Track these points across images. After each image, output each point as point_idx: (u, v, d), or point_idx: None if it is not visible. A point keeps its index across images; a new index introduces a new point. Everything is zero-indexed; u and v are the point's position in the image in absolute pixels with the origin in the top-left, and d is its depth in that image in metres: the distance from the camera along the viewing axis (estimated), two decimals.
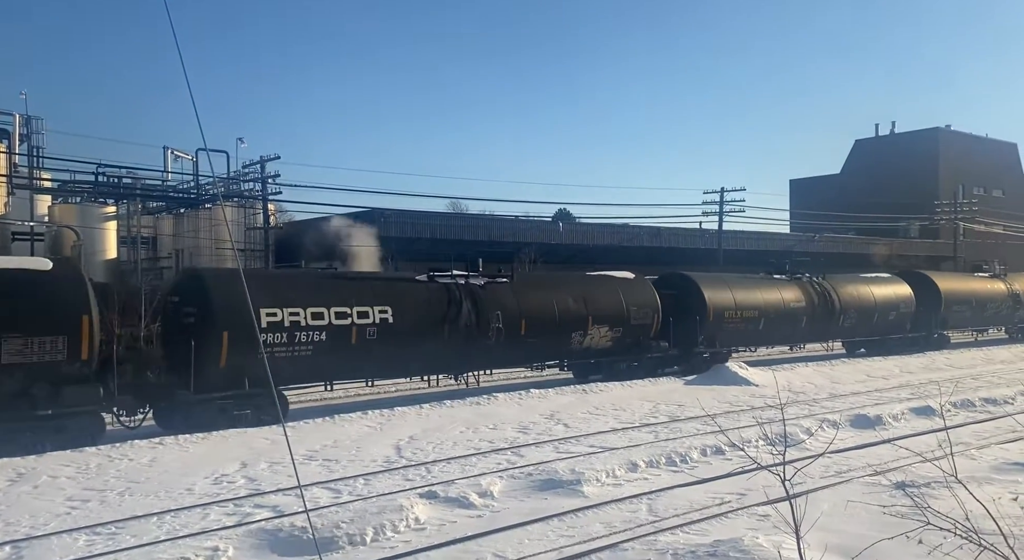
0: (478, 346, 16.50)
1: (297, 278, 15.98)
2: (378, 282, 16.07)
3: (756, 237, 46.63)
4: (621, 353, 19.32)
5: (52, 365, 11.44)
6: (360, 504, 8.44)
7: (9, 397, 11.18)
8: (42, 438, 11.32)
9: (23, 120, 34.33)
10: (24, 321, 11.28)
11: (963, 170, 63.04)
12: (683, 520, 8.00)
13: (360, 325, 14.57)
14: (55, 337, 11.43)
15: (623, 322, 19.01)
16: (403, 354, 15.42)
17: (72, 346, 11.56)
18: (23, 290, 11.47)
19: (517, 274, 18.31)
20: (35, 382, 11.32)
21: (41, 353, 11.35)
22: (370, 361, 15.19)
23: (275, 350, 13.51)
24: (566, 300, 18.14)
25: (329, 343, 14.17)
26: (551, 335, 17.73)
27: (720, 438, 10.15)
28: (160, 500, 8.85)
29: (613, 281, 19.86)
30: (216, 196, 33.33)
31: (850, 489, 8.96)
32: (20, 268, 11.89)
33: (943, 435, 8.75)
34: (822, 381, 19.61)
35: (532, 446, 11.79)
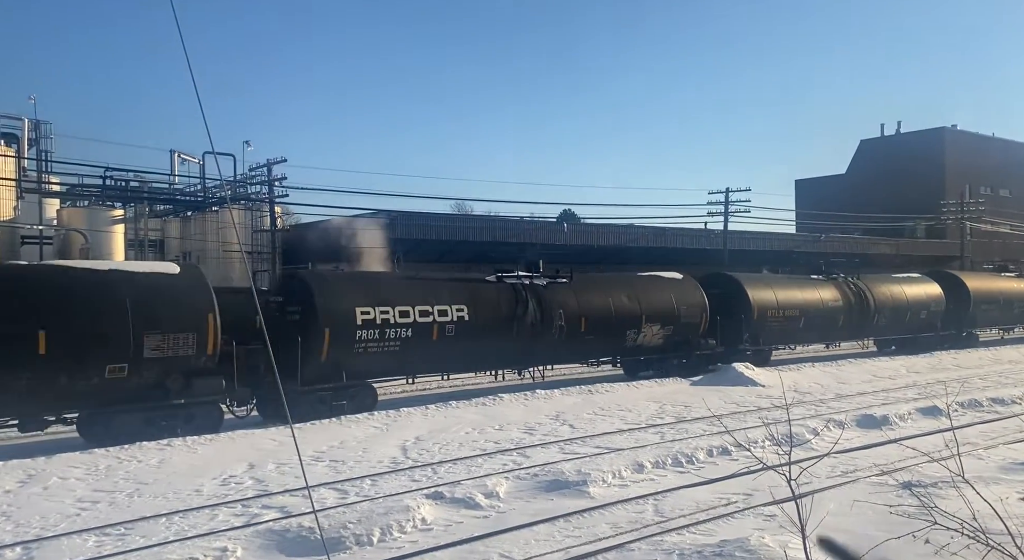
0: (543, 343, 17.60)
1: (385, 279, 17.05)
2: (455, 283, 17.16)
3: (761, 237, 46.53)
4: (671, 350, 20.29)
5: (184, 359, 12.58)
6: (367, 505, 8.48)
7: (149, 388, 12.37)
8: (175, 425, 12.53)
9: (32, 125, 34.57)
10: (161, 320, 12.42)
11: (969, 169, 62.75)
12: (689, 520, 8.02)
13: (441, 322, 15.74)
14: (186, 334, 12.56)
15: (674, 321, 20.06)
16: (478, 350, 16.58)
17: (200, 342, 12.68)
18: (159, 292, 12.60)
19: (576, 275, 19.14)
20: (170, 374, 12.51)
21: (175, 348, 12.48)
22: (449, 356, 16.23)
23: (368, 346, 14.76)
24: (621, 299, 19.20)
25: (414, 339, 15.34)
26: (608, 333, 18.78)
27: (726, 438, 10.16)
28: (169, 501, 8.91)
29: (664, 281, 20.87)
30: (223, 199, 33.47)
31: (856, 489, 8.96)
32: (154, 272, 13.05)
33: (950, 435, 8.73)
34: (828, 381, 19.57)
35: (538, 447, 11.82)
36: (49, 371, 11.45)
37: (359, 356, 14.70)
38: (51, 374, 11.48)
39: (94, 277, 12.32)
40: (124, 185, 33.14)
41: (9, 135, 33.44)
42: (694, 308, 20.57)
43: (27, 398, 11.53)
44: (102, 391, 11.99)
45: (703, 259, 40.25)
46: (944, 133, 63.99)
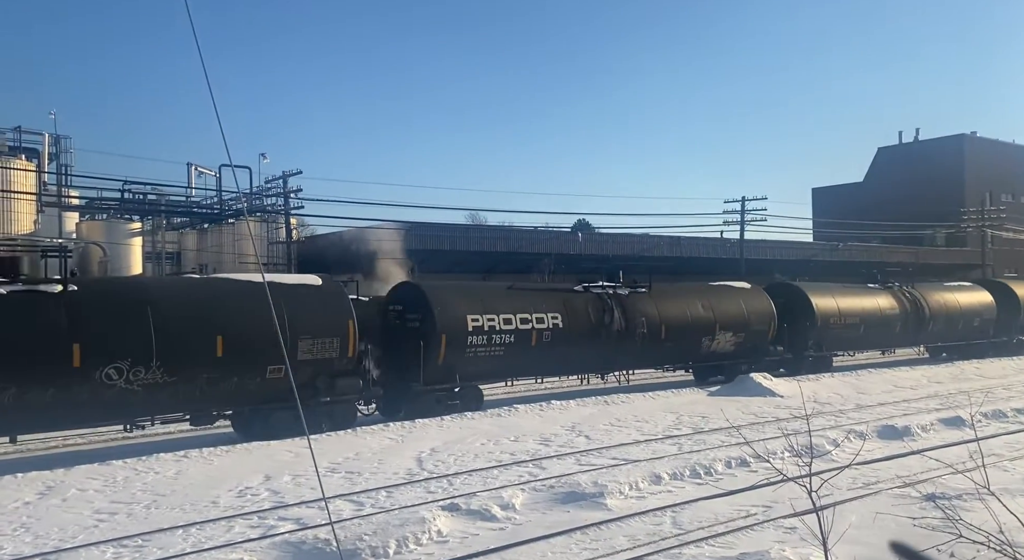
0: (626, 349, 18.83)
1: (489, 290, 18.18)
2: (548, 292, 18.59)
3: (778, 246, 46.23)
4: (741, 356, 21.19)
5: (329, 361, 13.95)
6: (383, 516, 8.45)
7: (300, 387, 13.48)
8: (320, 420, 13.76)
9: (52, 139, 35.12)
10: (312, 325, 13.76)
11: (990, 177, 62.05)
12: (708, 533, 7.91)
13: (539, 329, 17.12)
14: (331, 338, 13.93)
15: (745, 328, 21.14)
16: (570, 355, 17.84)
17: (342, 346, 14.05)
18: (308, 301, 14.03)
19: (654, 285, 20.21)
20: (318, 375, 13.89)
21: (323, 351, 13.84)
22: (545, 361, 17.62)
23: (477, 350, 16.17)
24: (696, 308, 20.36)
25: (516, 345, 16.71)
26: (685, 339, 20.01)
27: (745, 449, 10.04)
28: (185, 513, 8.93)
29: (734, 290, 22.04)
30: (240, 211, 33.78)
31: (879, 501, 8.81)
32: (302, 283, 14.52)
33: (974, 446, 8.59)
34: (848, 392, 19.33)
35: (554, 458, 11.74)
36: (224, 371, 12.81)
37: (469, 360, 16.11)
38: (225, 374, 12.85)
39: (253, 288, 13.63)
40: (142, 198, 33.58)
41: (30, 150, 33.99)
42: (763, 316, 21.59)
43: (205, 395, 12.82)
44: (263, 390, 13.27)
45: (719, 268, 40.02)
46: (964, 140, 63.38)
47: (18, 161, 31.03)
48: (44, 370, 11.36)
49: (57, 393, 11.43)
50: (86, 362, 11.54)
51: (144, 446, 12.99)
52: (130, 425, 12.95)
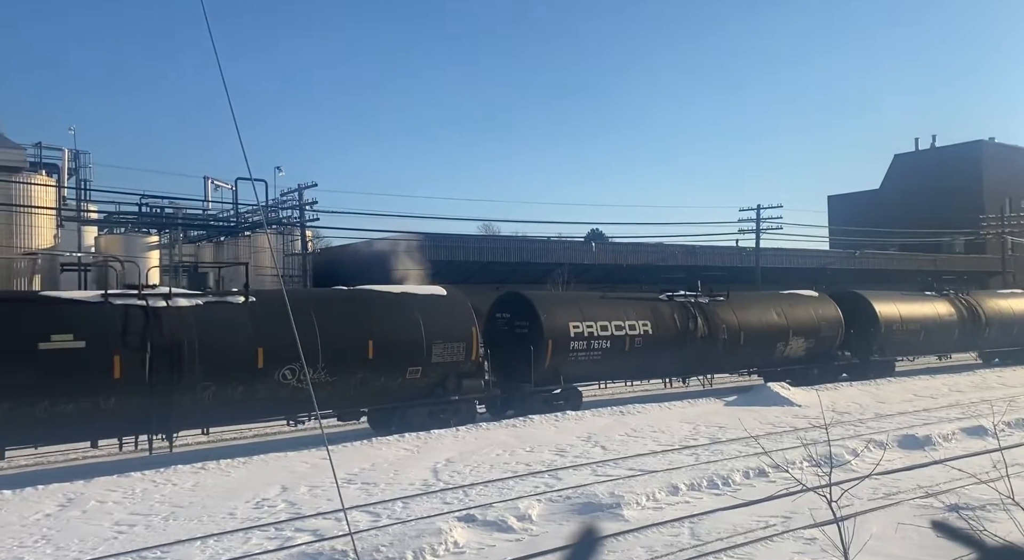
0: (709, 354, 19.98)
1: (585, 299, 19.24)
2: (637, 301, 19.65)
3: (794, 254, 45.89)
4: (811, 361, 22.41)
5: (457, 363, 15.43)
6: (399, 527, 8.44)
7: (432, 387, 15.23)
8: (448, 417, 15.26)
9: (71, 155, 35.64)
10: (443, 332, 15.28)
11: (1009, 183, 61.35)
12: (727, 544, 7.83)
13: (631, 335, 18.43)
14: (458, 343, 15.43)
15: (815, 334, 22.30)
16: (658, 360, 19.14)
17: (467, 350, 15.56)
18: (438, 309, 15.63)
19: (731, 293, 21.39)
20: (448, 376, 15.35)
21: (452, 355, 15.32)
22: (636, 365, 18.89)
23: (578, 355, 17.50)
24: (771, 315, 21.57)
25: (611, 350, 18.02)
26: (762, 345, 21.18)
27: (763, 459, 9.95)
28: (203, 524, 8.96)
29: (804, 298, 23.17)
30: (256, 224, 34.06)
31: (900, 511, 8.69)
32: (431, 294, 16.13)
33: (997, 455, 8.46)
34: (867, 401, 19.11)
35: (570, 469, 11.68)
36: (373, 372, 14.35)
37: (571, 363, 17.47)
38: (375, 374, 14.38)
39: (395, 298, 15.43)
40: (159, 212, 33.95)
41: (50, 165, 34.51)
42: (832, 322, 22.76)
43: (357, 393, 14.33)
44: (403, 388, 14.82)
45: (734, 277, 39.81)
46: (982, 146, 62.77)
47: (39, 176, 31.51)
48: (236, 370, 12.81)
49: (245, 391, 12.93)
50: (267, 364, 13.03)
51: (161, 458, 13.07)
52: (292, 420, 14.21)
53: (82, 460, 13.89)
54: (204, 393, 12.47)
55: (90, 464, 13.17)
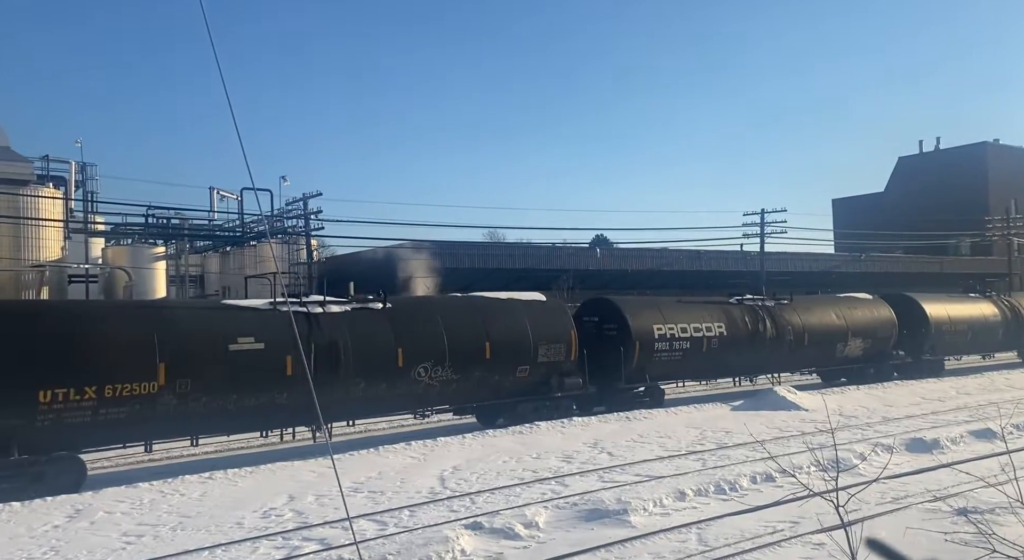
0: (776, 354, 21.37)
1: (665, 302, 20.59)
2: (711, 304, 21.04)
3: (799, 258, 45.80)
4: (867, 361, 23.66)
5: (559, 363, 16.90)
6: (406, 536, 8.44)
7: (538, 384, 16.70)
8: (551, 412, 16.62)
9: (78, 167, 35.89)
10: (546, 334, 16.79)
11: (1014, 184, 61.20)
12: (735, 549, 7.82)
13: (708, 337, 19.75)
14: (560, 344, 16.88)
15: (872, 335, 23.54)
16: (731, 359, 20.48)
17: (567, 350, 17.03)
18: (540, 314, 17.05)
19: (794, 297, 22.78)
20: (551, 375, 16.82)
21: (555, 355, 16.76)
22: (712, 364, 20.32)
23: (662, 355, 18.88)
24: (831, 317, 22.83)
25: (691, 350, 19.37)
26: (824, 345, 22.50)
27: (770, 464, 9.92)
28: (211, 534, 8.98)
29: (860, 301, 24.52)
30: (261, 233, 34.19)
31: (909, 515, 8.66)
32: (532, 300, 17.62)
33: (1006, 458, 8.43)
34: (874, 404, 19.04)
35: (576, 475, 11.67)
36: (490, 370, 15.83)
37: (655, 363, 18.85)
38: (491, 373, 15.86)
39: (504, 303, 16.96)
40: (165, 223, 34.13)
41: (57, 178, 34.75)
42: (886, 324, 24.13)
43: (476, 389, 15.83)
44: (512, 386, 16.32)
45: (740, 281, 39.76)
46: (986, 148, 62.66)
47: (46, 189, 31.73)
48: (380, 368, 14.34)
49: (387, 387, 14.51)
50: (406, 362, 14.59)
51: (169, 467, 13.11)
52: (418, 414, 16.04)
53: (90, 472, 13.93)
54: (356, 389, 14.06)
55: (97, 475, 13.19)
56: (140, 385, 11.84)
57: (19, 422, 10.96)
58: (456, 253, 35.31)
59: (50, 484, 11.10)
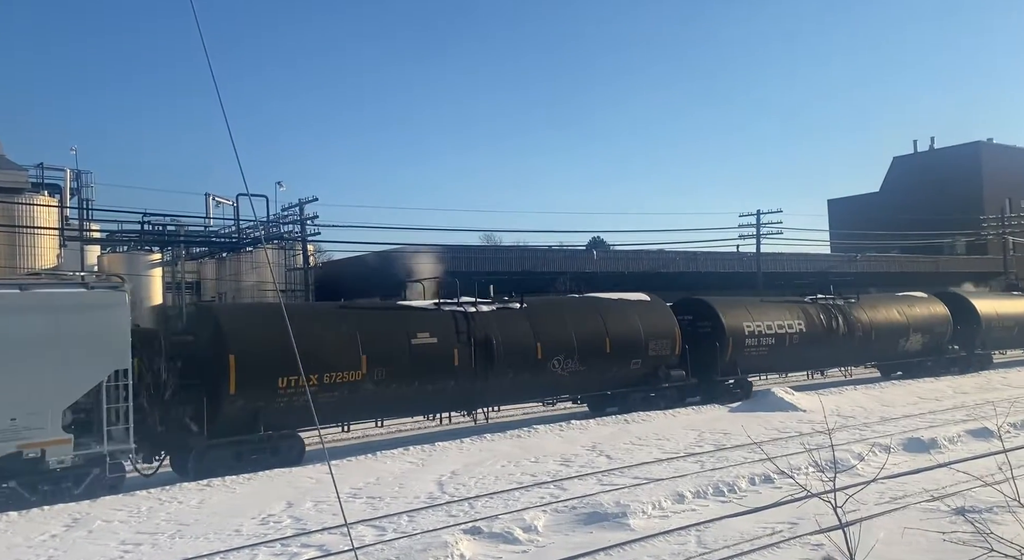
0: (848, 349, 23.19)
1: (750, 302, 22.39)
2: (789, 303, 22.90)
3: (795, 259, 45.86)
4: (925, 354, 25.47)
5: (666, 357, 18.83)
6: (405, 541, 8.44)
7: (647, 376, 18.56)
8: (657, 400, 18.42)
9: (73, 174, 35.79)
10: (655, 330, 18.72)
11: (1008, 183, 61.38)
12: (734, 551, 7.83)
13: (790, 333, 21.59)
14: (666, 339, 18.85)
15: (930, 330, 25.47)
16: (809, 354, 22.17)
17: (672, 346, 18.96)
18: (650, 312, 19.11)
19: (860, 295, 24.70)
20: (659, 366, 18.75)
21: (662, 349, 18.71)
22: (793, 358, 21.97)
23: (751, 350, 20.59)
24: (894, 314, 24.73)
25: (776, 346, 21.20)
26: (888, 340, 24.39)
27: (768, 466, 9.93)
28: (210, 542, 8.96)
29: (918, 299, 26.44)
30: (257, 240, 34.13)
31: (907, 515, 8.68)
32: (641, 300, 19.50)
33: (1003, 458, 8.45)
34: (872, 404, 19.07)
35: (575, 479, 11.67)
36: (609, 363, 17.78)
37: (745, 358, 20.56)
38: (610, 365, 17.81)
39: (618, 303, 18.99)
40: (161, 229, 34.05)
41: (52, 186, 34.65)
42: (942, 320, 25.91)
43: (597, 379, 17.72)
44: (626, 377, 18.25)
45: (736, 283, 39.81)
46: (980, 147, 62.83)
47: (41, 197, 31.65)
48: (524, 361, 16.30)
49: (530, 377, 16.49)
50: (543, 355, 16.58)
51: (163, 476, 13.06)
52: (546, 402, 18.19)
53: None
54: (506, 378, 16.12)
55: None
56: (349, 374, 14.05)
57: (263, 403, 13.19)
58: (453, 257, 35.28)
59: (283, 457, 13.39)
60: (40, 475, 10.93)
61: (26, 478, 10.86)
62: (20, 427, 10.71)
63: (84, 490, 11.17)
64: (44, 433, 10.86)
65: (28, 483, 10.86)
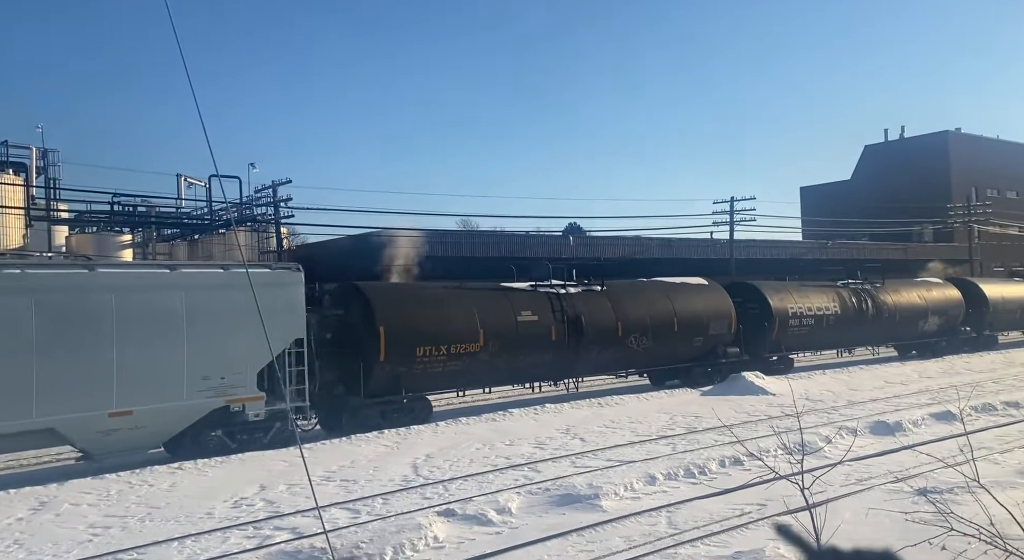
0: (875, 329, 25.64)
1: (792, 285, 24.50)
2: (824, 287, 25.11)
3: (768, 246, 46.38)
4: (940, 335, 27.95)
5: (723, 335, 20.95)
6: (379, 524, 8.45)
7: (707, 352, 20.63)
8: (712, 376, 20.40)
9: (40, 153, 34.94)
10: (713, 311, 20.80)
11: (975, 172, 62.48)
12: (703, 532, 7.95)
13: (827, 315, 23.80)
14: (723, 319, 20.90)
15: (945, 313, 27.93)
16: (844, 334, 24.62)
17: (728, 325, 21.13)
18: (708, 295, 21.27)
19: (885, 280, 26.95)
20: (718, 345, 20.85)
21: (720, 328, 20.83)
22: (830, 338, 24.35)
23: (794, 330, 22.79)
24: (915, 297, 27.15)
25: (815, 325, 23.33)
26: (910, 322, 26.85)
27: (738, 448, 10.09)
28: (180, 525, 8.89)
29: (935, 284, 29.14)
30: (230, 221, 33.67)
31: (871, 497, 8.88)
32: (699, 283, 21.46)
33: (964, 440, 8.66)
34: (840, 388, 19.43)
35: (549, 461, 11.76)
36: (676, 340, 19.92)
37: (789, 336, 22.75)
38: (677, 342, 19.88)
39: (680, 286, 20.90)
40: (132, 210, 33.44)
41: (18, 164, 33.80)
42: (956, 303, 28.63)
43: (665, 354, 19.88)
44: (689, 353, 20.29)
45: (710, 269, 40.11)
46: (948, 137, 63.79)
47: (6, 175, 30.88)
48: (607, 337, 18.34)
49: (612, 353, 18.59)
50: (622, 333, 18.59)
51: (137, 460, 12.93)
52: (618, 374, 20.38)
53: (55, 463, 13.69)
54: (592, 352, 18.08)
55: (63, 467, 12.98)
56: (469, 345, 16.07)
57: (404, 369, 15.22)
58: (429, 242, 35.09)
59: (416, 415, 15.42)
60: (239, 426, 13.01)
61: (229, 428, 12.91)
62: (227, 386, 12.73)
63: (269, 440, 13.22)
64: (245, 391, 12.92)
65: (230, 433, 12.93)
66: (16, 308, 11.17)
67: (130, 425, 11.80)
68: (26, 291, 11.31)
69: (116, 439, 11.76)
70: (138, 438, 12.08)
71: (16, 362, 11.04)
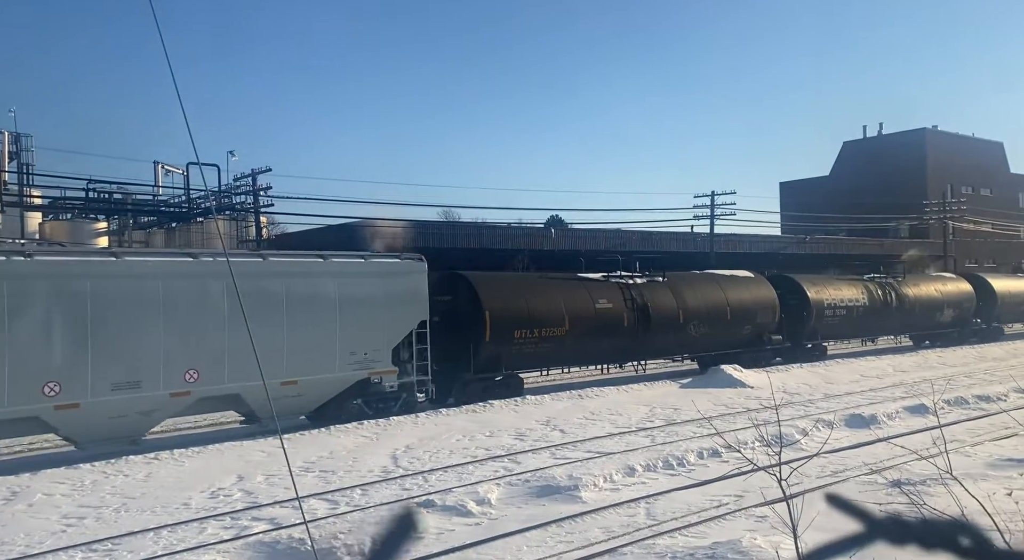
0: (900, 319, 27.78)
1: (826, 278, 26.77)
2: (852, 280, 27.20)
3: (747, 240, 46.74)
4: (954, 326, 30.05)
5: (768, 324, 22.76)
6: (358, 514, 8.43)
7: (753, 339, 22.39)
8: (759, 359, 21.94)
9: (12, 138, 34.25)
10: (760, 302, 22.59)
11: (951, 170, 63.34)
12: (681, 523, 8.02)
13: (857, 306, 25.63)
14: (769, 309, 22.71)
15: (959, 306, 29.95)
16: (872, 323, 26.67)
17: (773, 314, 22.77)
18: (755, 287, 22.96)
19: (906, 274, 29.63)
20: (764, 332, 22.70)
21: (766, 317, 22.60)
22: (860, 327, 26.45)
23: (828, 319, 24.73)
24: (932, 291, 29.19)
25: (847, 316, 25.32)
26: (928, 313, 28.77)
27: (716, 440, 10.17)
28: (156, 515, 8.80)
29: (949, 278, 31.55)
30: (208, 210, 33.28)
31: (847, 488, 8.99)
32: (746, 276, 23.41)
33: (937, 433, 8.81)
34: (817, 382, 19.66)
35: (529, 453, 11.78)
36: (728, 328, 21.49)
37: (823, 326, 24.64)
38: (729, 330, 21.56)
39: (730, 279, 22.77)
40: (107, 197, 32.91)
41: None
42: (968, 297, 30.54)
43: (718, 340, 21.26)
44: (738, 340, 21.87)
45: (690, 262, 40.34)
46: (925, 134, 64.57)
47: None
48: (670, 324, 19.97)
49: (673, 337, 20.23)
50: (683, 320, 20.21)
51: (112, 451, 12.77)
52: (676, 358, 21.51)
53: (28, 452, 13.48)
54: (658, 337, 19.70)
55: (36, 456, 12.79)
56: (557, 329, 17.75)
57: (504, 349, 17.00)
58: (413, 232, 34.92)
59: (512, 390, 17.14)
60: (375, 396, 14.81)
61: (367, 397, 14.69)
62: (369, 360, 14.59)
63: (398, 408, 14.94)
64: (383, 365, 14.81)
65: (367, 401, 14.69)
66: (213, 291, 12.87)
67: (294, 393, 13.61)
68: (220, 276, 12.85)
69: (282, 405, 13.27)
70: (299, 404, 14.02)
71: (213, 336, 12.66)
